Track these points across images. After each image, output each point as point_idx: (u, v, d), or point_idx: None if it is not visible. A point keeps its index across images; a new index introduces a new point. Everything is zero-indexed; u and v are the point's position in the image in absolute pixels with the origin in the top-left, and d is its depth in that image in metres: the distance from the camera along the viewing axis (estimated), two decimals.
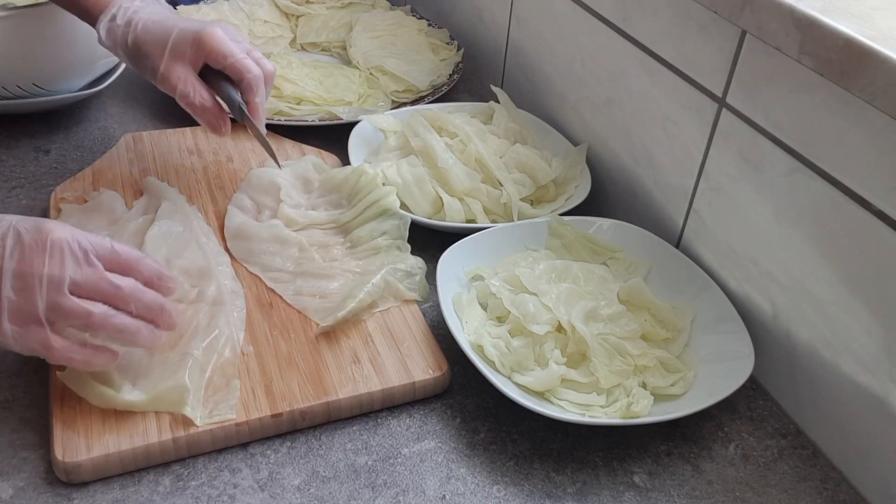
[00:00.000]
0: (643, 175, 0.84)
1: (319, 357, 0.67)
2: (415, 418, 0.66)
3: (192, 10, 1.13)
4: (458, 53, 1.13)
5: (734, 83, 0.69)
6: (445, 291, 0.70)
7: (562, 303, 0.70)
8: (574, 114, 0.94)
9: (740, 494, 0.62)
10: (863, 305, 0.60)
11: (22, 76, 0.90)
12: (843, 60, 0.54)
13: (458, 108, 0.95)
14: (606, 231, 0.80)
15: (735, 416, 0.69)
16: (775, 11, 0.58)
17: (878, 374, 0.60)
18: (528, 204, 0.85)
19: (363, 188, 0.81)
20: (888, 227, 0.57)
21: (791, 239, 0.66)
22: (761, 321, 0.70)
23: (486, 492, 0.60)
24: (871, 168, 0.58)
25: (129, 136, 0.92)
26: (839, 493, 0.63)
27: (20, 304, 0.55)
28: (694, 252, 0.78)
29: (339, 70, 1.07)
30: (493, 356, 0.66)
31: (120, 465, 0.58)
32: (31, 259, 0.55)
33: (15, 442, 0.60)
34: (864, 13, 0.56)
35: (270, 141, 0.81)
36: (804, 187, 0.64)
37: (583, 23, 0.89)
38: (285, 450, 0.62)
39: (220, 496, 0.58)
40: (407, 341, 0.69)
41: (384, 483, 0.60)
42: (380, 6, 1.24)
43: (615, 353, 0.67)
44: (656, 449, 0.65)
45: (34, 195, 0.84)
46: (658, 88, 0.78)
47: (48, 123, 0.96)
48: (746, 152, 0.69)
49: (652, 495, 0.61)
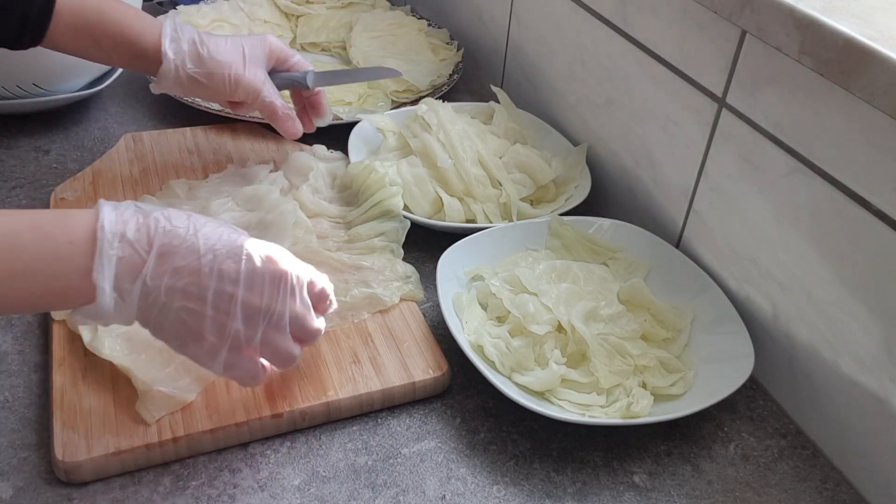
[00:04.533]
0: (643, 175, 0.84)
1: (319, 357, 0.67)
2: (415, 418, 0.66)
3: (193, 10, 1.13)
4: (458, 53, 1.13)
5: (734, 83, 0.69)
6: (445, 291, 0.70)
7: (562, 303, 0.70)
8: (574, 114, 0.94)
9: (740, 494, 0.62)
10: (863, 305, 0.60)
11: (22, 76, 0.90)
12: (843, 60, 0.54)
13: (458, 108, 0.95)
14: (606, 231, 0.80)
15: (735, 416, 0.69)
16: (775, 11, 0.58)
17: (878, 374, 0.60)
18: (528, 204, 0.85)
19: (371, 186, 0.82)
20: (888, 227, 0.57)
21: (791, 239, 0.66)
22: (761, 321, 0.70)
23: (486, 492, 0.60)
24: (871, 168, 0.58)
25: (129, 136, 0.92)
26: (839, 493, 0.63)
27: (245, 333, 0.54)
28: (694, 252, 0.78)
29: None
30: (493, 356, 0.66)
31: (120, 465, 0.58)
32: (261, 290, 0.53)
33: (15, 442, 0.60)
34: (864, 13, 0.56)
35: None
36: (804, 187, 0.64)
37: (583, 23, 0.89)
38: (285, 450, 0.62)
39: (220, 496, 0.58)
40: (407, 341, 0.69)
41: (384, 483, 0.60)
42: (380, 6, 1.24)
43: (615, 353, 0.67)
44: (656, 449, 0.65)
45: (34, 195, 0.84)
46: (658, 88, 0.78)
47: (48, 123, 0.96)
48: (746, 152, 0.69)
49: (652, 495, 0.61)
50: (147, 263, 0.51)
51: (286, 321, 0.55)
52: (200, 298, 0.52)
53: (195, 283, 0.52)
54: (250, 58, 0.79)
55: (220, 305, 0.53)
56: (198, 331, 0.53)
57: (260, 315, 0.54)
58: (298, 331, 0.57)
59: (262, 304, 0.54)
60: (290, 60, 0.84)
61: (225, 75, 0.78)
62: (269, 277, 0.54)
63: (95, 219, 0.50)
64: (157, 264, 0.51)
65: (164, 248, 0.51)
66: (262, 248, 0.55)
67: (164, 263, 0.51)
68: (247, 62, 0.79)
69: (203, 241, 0.52)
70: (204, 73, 0.77)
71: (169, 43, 0.76)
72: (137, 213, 0.52)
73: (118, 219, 0.50)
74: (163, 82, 0.78)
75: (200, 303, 0.52)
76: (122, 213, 0.51)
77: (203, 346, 0.54)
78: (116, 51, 0.77)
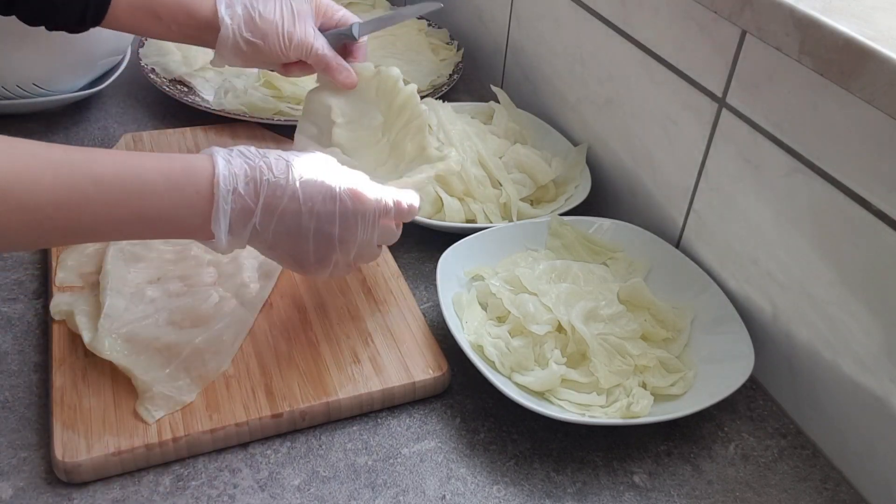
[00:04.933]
0: (643, 175, 0.84)
1: (319, 357, 0.67)
2: (415, 418, 0.66)
3: None
4: (458, 53, 1.13)
5: (734, 83, 0.69)
6: (445, 291, 0.70)
7: (562, 303, 0.70)
8: (574, 114, 0.94)
9: (740, 494, 0.62)
10: (863, 305, 0.60)
11: (22, 76, 0.90)
12: (843, 60, 0.54)
13: (458, 108, 0.95)
14: (606, 231, 0.80)
15: (735, 416, 0.69)
16: (775, 11, 0.58)
17: (878, 375, 0.60)
18: (527, 204, 0.85)
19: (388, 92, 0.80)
20: (888, 227, 0.57)
21: (791, 239, 0.66)
22: (761, 321, 0.70)
23: (486, 492, 0.60)
24: (871, 168, 0.58)
25: (129, 136, 0.92)
26: (839, 493, 0.63)
27: (342, 258, 0.63)
28: (694, 252, 0.78)
29: None
30: (493, 356, 0.66)
31: (120, 465, 0.58)
32: (354, 226, 0.61)
33: (15, 442, 0.60)
34: (864, 13, 0.56)
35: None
36: (804, 187, 0.64)
37: (583, 23, 0.89)
38: (285, 450, 0.62)
39: (220, 496, 0.58)
40: (407, 341, 0.69)
41: (384, 483, 0.60)
42: (380, 6, 1.24)
43: (615, 353, 0.67)
44: (656, 449, 0.65)
45: None
46: (658, 88, 0.78)
47: (48, 123, 0.96)
48: (746, 152, 0.69)
49: (652, 495, 0.61)
50: (255, 212, 0.58)
51: (374, 240, 0.64)
52: (303, 237, 0.60)
53: (297, 224, 0.59)
54: (299, 14, 0.80)
55: (320, 241, 0.61)
56: (302, 258, 0.62)
57: (354, 243, 0.62)
58: (382, 239, 0.65)
59: (355, 237, 0.62)
60: (337, 15, 0.84)
61: (278, 34, 0.79)
62: (360, 214, 0.61)
63: (212, 172, 0.56)
64: (264, 212, 0.58)
65: (269, 198, 0.58)
66: (351, 184, 0.61)
67: (271, 212, 0.58)
68: (297, 18, 0.80)
69: (302, 189, 0.59)
70: (259, 34, 0.79)
71: (224, 9, 0.78)
72: (245, 163, 0.58)
73: (230, 173, 0.57)
74: (222, 51, 0.79)
75: (304, 241, 0.60)
76: (232, 167, 0.57)
77: (306, 267, 0.63)
78: (176, 22, 0.78)
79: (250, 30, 0.78)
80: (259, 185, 0.57)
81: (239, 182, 0.57)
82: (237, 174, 0.57)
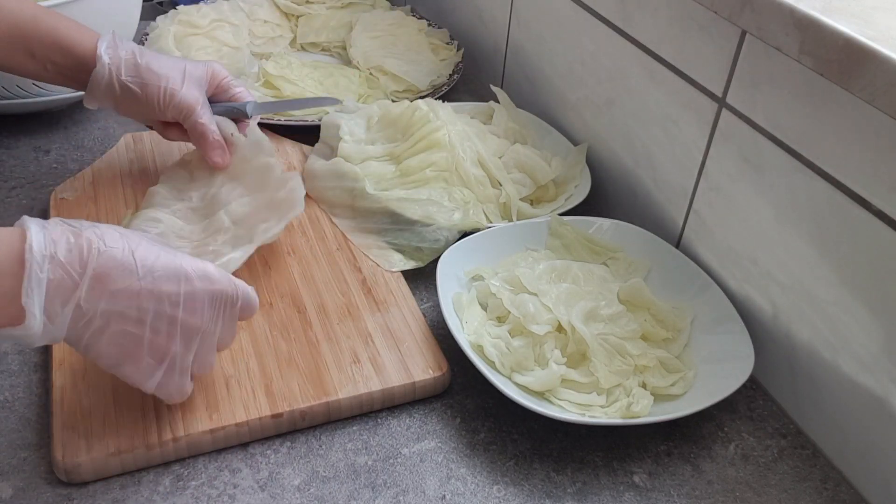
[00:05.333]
0: (643, 175, 0.84)
1: (319, 357, 0.67)
2: (415, 418, 0.66)
3: (193, 10, 1.13)
4: (458, 53, 1.13)
5: (734, 83, 0.69)
6: (445, 291, 0.70)
7: (562, 303, 0.70)
8: (574, 114, 0.94)
9: (740, 494, 0.62)
10: (863, 305, 0.60)
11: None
12: (843, 60, 0.54)
13: (458, 108, 0.95)
14: (606, 231, 0.80)
15: (735, 416, 0.69)
16: (775, 11, 0.58)
17: (878, 374, 0.60)
18: (527, 204, 0.85)
19: (416, 122, 0.84)
20: (888, 227, 0.57)
21: (791, 239, 0.66)
22: (761, 321, 0.70)
23: (486, 492, 0.60)
24: (871, 168, 0.58)
25: (129, 136, 0.92)
26: (839, 493, 0.63)
27: (182, 353, 0.55)
28: (694, 252, 0.78)
29: (339, 70, 1.08)
30: (493, 356, 0.66)
31: (120, 465, 0.58)
32: (201, 311, 0.54)
33: (15, 442, 0.60)
34: (864, 13, 0.56)
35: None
36: (804, 187, 0.64)
37: (583, 23, 0.89)
38: (285, 450, 0.62)
39: (220, 496, 0.58)
40: (407, 341, 0.69)
41: (384, 483, 0.60)
42: (380, 6, 1.24)
43: (615, 353, 0.67)
44: (656, 449, 0.65)
45: (34, 195, 0.84)
46: (658, 88, 0.78)
47: (48, 123, 0.96)
48: (746, 152, 0.69)
49: (652, 495, 0.61)
50: (80, 286, 0.49)
51: (217, 337, 0.57)
52: (139, 321, 0.52)
53: (134, 306, 0.51)
54: (189, 76, 0.76)
55: (159, 328, 0.53)
56: (135, 352, 0.53)
57: (197, 335, 0.55)
58: (223, 336, 0.58)
59: (200, 325, 0.54)
60: (233, 90, 0.81)
61: (160, 88, 0.75)
62: (207, 298, 0.54)
63: (23, 239, 0.48)
64: (92, 287, 0.49)
65: (100, 269, 0.50)
66: (199, 267, 0.54)
67: (100, 286, 0.50)
68: (185, 79, 0.76)
69: (140, 262, 0.51)
70: (138, 82, 0.75)
71: (105, 48, 0.74)
72: (67, 231, 0.50)
73: (47, 238, 0.48)
74: (94, 90, 0.75)
75: (139, 325, 0.52)
76: (50, 233, 0.49)
77: (139, 367, 0.54)
78: (51, 61, 0.74)
79: (131, 74, 0.75)
80: (85, 254, 0.49)
81: (59, 248, 0.48)
82: (55, 240, 0.48)
